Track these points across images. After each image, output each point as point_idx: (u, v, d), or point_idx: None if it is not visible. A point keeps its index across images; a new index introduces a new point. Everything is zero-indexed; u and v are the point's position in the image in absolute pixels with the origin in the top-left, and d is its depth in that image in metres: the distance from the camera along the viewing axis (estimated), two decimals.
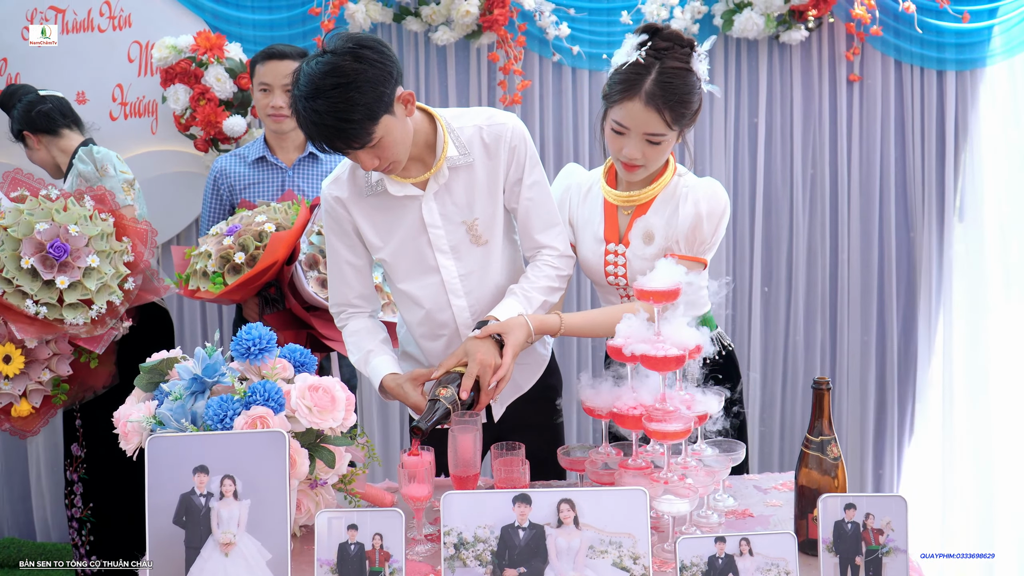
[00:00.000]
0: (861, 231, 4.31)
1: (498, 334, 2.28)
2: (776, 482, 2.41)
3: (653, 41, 2.35)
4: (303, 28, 4.14)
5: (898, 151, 4.28)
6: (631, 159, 2.39)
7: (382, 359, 2.43)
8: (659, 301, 2.09)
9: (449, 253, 2.43)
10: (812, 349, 4.39)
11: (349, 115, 2.10)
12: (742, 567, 1.76)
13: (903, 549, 1.79)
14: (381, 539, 1.76)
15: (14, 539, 4.44)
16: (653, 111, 2.32)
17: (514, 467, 2.13)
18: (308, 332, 3.21)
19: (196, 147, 4.08)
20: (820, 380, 2.02)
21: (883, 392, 4.41)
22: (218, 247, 3.14)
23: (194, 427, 1.88)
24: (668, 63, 2.33)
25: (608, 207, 2.57)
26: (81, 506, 3.52)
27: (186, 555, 1.75)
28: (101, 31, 4.09)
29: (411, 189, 2.37)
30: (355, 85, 2.10)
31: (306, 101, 2.12)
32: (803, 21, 4.07)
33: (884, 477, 4.44)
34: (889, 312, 4.33)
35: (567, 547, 1.77)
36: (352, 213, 2.42)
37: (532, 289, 2.44)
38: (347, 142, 2.15)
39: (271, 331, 2.00)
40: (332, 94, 2.09)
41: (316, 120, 2.12)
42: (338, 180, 2.43)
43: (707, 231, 2.46)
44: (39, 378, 2.99)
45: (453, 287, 2.45)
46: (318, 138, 2.16)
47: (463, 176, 2.39)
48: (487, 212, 2.43)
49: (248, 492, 1.77)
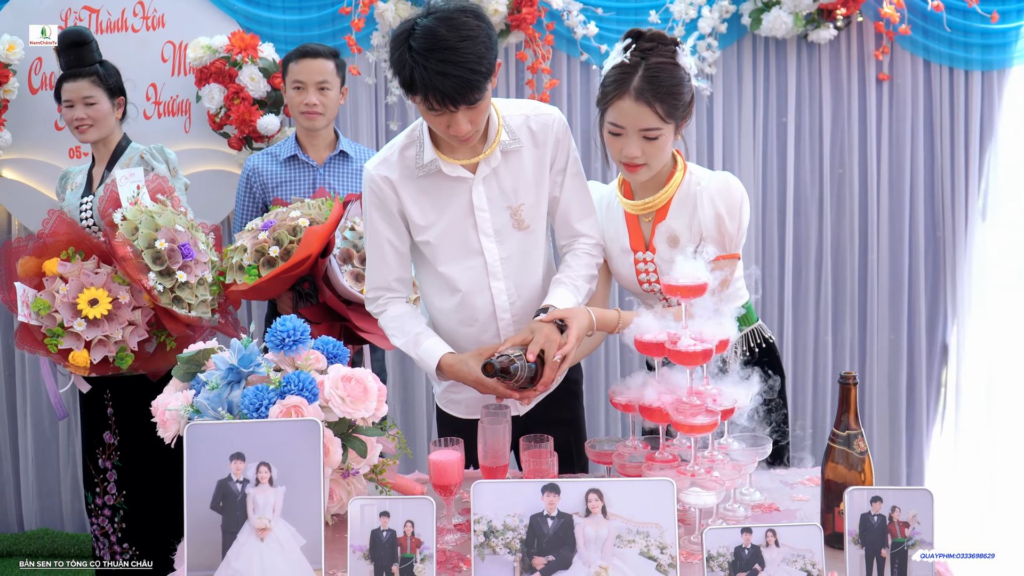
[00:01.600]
0: (890, 230, 4.31)
1: (561, 319, 2.33)
2: (803, 477, 2.42)
3: (637, 43, 2.40)
4: (333, 28, 4.20)
5: (927, 150, 4.28)
6: (631, 158, 2.41)
7: (434, 340, 2.46)
8: (687, 296, 2.12)
9: (493, 237, 2.48)
10: (841, 347, 4.40)
11: (477, 66, 2.16)
12: (768, 558, 1.78)
13: (929, 542, 1.81)
14: (412, 526, 1.79)
15: (47, 530, 4.51)
16: (644, 105, 2.35)
17: (543, 459, 2.16)
18: (342, 325, 3.26)
19: (230, 145, 4.15)
20: (847, 375, 2.04)
21: (913, 391, 4.41)
22: (253, 241, 3.20)
23: (230, 416, 1.92)
24: (653, 59, 2.36)
25: (629, 217, 2.60)
26: (115, 493, 3.57)
27: (223, 540, 1.79)
28: (135, 31, 4.15)
29: (462, 171, 2.42)
30: (480, 40, 2.17)
31: (429, 53, 2.14)
32: (832, 20, 4.08)
33: (913, 477, 4.43)
34: (917, 311, 4.34)
35: (595, 536, 1.80)
36: (400, 194, 2.45)
37: (578, 278, 2.51)
38: (469, 95, 2.19)
39: (304, 323, 2.04)
40: (461, 47, 2.14)
41: (442, 71, 2.14)
42: (386, 161, 2.46)
43: (731, 228, 2.49)
44: (111, 334, 3.07)
45: (494, 270, 2.49)
46: (439, 91, 2.17)
47: (511, 162, 2.45)
48: (531, 199, 2.48)
49: (283, 479, 1.81)
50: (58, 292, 3.03)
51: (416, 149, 2.44)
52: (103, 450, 3.56)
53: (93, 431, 3.56)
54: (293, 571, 1.79)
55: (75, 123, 3.53)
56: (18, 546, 4.43)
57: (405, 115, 4.28)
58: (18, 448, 4.54)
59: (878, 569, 1.80)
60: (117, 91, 3.60)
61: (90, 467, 3.58)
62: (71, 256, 3.10)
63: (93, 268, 3.08)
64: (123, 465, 3.55)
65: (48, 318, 3.05)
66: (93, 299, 3.04)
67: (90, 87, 3.52)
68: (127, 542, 3.58)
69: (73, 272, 3.05)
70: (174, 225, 3.12)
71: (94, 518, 3.61)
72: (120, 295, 3.08)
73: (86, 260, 3.11)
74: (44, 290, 3.05)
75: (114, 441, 3.55)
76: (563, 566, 1.79)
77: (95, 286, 3.05)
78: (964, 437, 4.37)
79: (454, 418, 2.66)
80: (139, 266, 3.03)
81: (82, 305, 3.03)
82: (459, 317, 2.53)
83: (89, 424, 3.56)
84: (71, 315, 3.03)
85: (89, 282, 3.05)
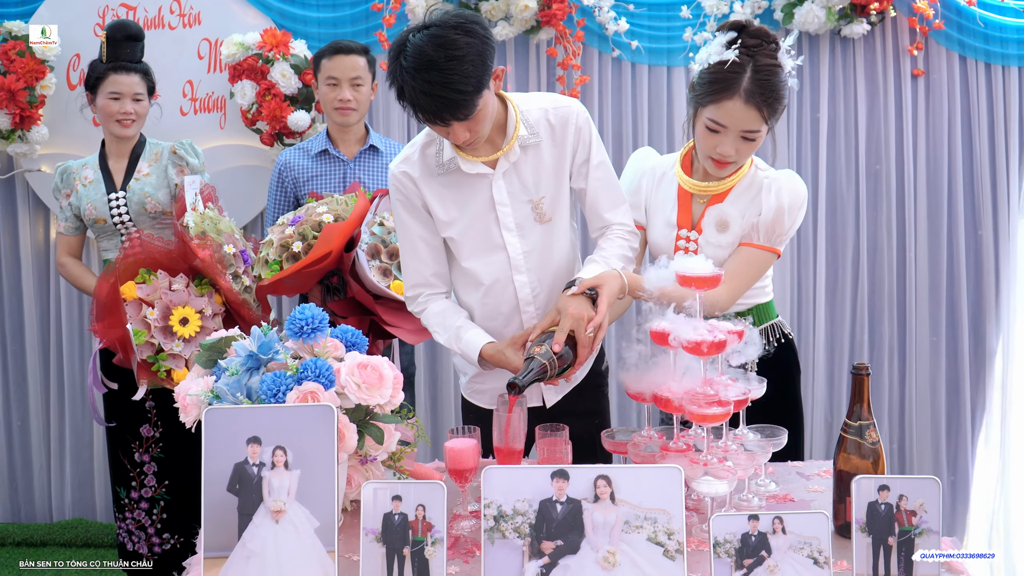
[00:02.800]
0: (929, 228, 4.28)
1: (591, 288, 2.33)
2: (819, 469, 2.43)
3: (742, 38, 2.40)
4: (366, 25, 4.24)
5: (965, 146, 4.25)
6: (725, 156, 2.44)
7: (475, 332, 2.49)
8: (701, 287, 2.14)
9: (515, 231, 2.50)
10: (880, 347, 4.36)
11: (463, 87, 2.18)
12: (775, 544, 1.80)
13: (935, 531, 1.81)
14: (424, 510, 1.83)
15: (81, 520, 4.60)
16: (753, 108, 2.37)
17: (557, 447, 2.19)
18: (370, 320, 3.30)
19: (262, 141, 4.21)
20: (859, 366, 2.04)
21: (955, 393, 4.37)
22: (280, 236, 3.25)
23: (248, 401, 1.96)
24: (761, 60, 2.38)
25: (682, 194, 2.63)
26: (155, 485, 3.63)
27: (239, 521, 1.84)
28: (171, 28, 4.23)
29: (482, 167, 2.45)
30: (468, 58, 2.18)
31: (416, 72, 2.17)
32: (865, 15, 4.07)
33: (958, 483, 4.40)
34: (959, 311, 4.29)
35: (603, 522, 1.82)
36: (422, 191, 2.48)
37: (611, 256, 2.51)
38: (455, 113, 2.21)
39: (323, 312, 2.08)
40: (447, 66, 2.16)
41: (427, 91, 2.18)
42: (408, 160, 2.50)
43: (787, 223, 2.53)
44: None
45: (517, 264, 2.52)
46: (427, 109, 2.21)
47: (531, 156, 2.48)
48: (552, 191, 2.51)
49: (298, 463, 1.85)
50: (148, 318, 3.12)
51: (436, 147, 2.47)
52: (139, 444, 3.62)
53: (126, 426, 3.62)
54: (307, 552, 1.82)
55: (120, 116, 3.58)
56: (52, 536, 4.51)
57: None
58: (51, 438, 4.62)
59: (884, 557, 1.81)
60: (152, 91, 3.68)
61: (124, 461, 3.64)
62: (146, 278, 3.18)
63: (168, 286, 3.16)
64: (165, 456, 3.62)
65: (146, 346, 3.15)
66: (183, 318, 3.14)
67: (140, 84, 3.60)
68: (167, 532, 3.64)
69: (154, 294, 3.13)
70: (232, 232, 3.25)
71: (128, 512, 3.67)
72: (204, 308, 3.18)
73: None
74: (131, 318, 3.14)
75: (154, 434, 3.61)
76: (571, 551, 1.81)
77: (178, 304, 3.14)
78: (1016, 442, 4.33)
79: (478, 408, 2.69)
80: (218, 269, 3.15)
81: (175, 326, 3.13)
82: (484, 311, 2.56)
83: (121, 420, 3.62)
84: (166, 338, 3.14)
85: (170, 301, 3.14)
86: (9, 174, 4.40)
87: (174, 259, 3.21)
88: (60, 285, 4.48)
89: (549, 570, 1.81)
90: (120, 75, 3.56)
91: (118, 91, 3.56)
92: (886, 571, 1.81)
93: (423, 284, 2.58)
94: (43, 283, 4.52)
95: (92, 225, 3.62)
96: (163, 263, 3.20)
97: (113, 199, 3.58)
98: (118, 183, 3.62)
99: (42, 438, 4.62)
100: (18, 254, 4.48)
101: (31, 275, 4.48)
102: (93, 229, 3.65)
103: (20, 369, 4.59)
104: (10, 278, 4.50)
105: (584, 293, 2.33)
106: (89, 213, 3.59)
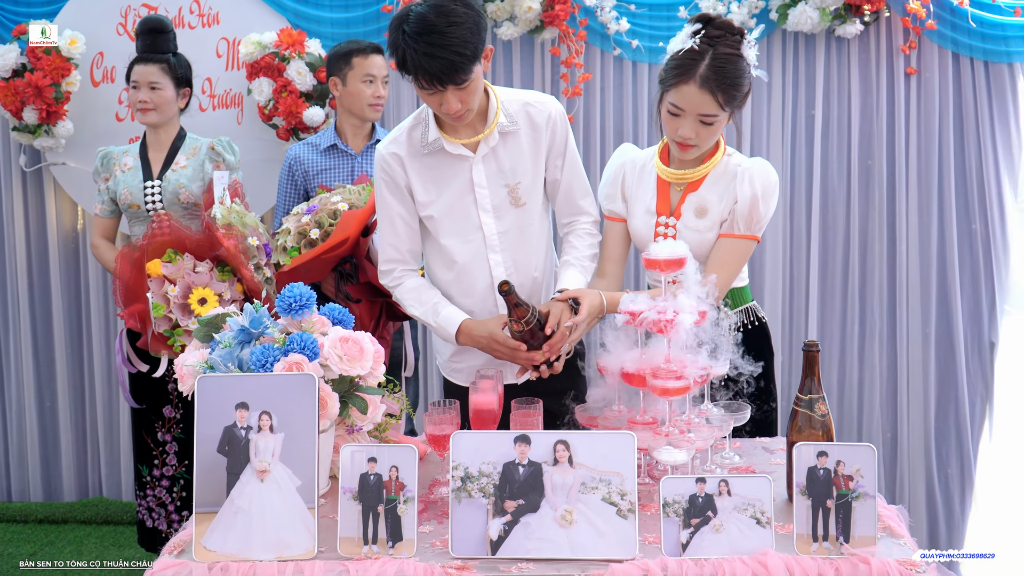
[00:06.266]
0: (919, 222, 4.37)
1: (575, 299, 2.58)
2: (783, 444, 2.55)
3: (707, 29, 2.56)
4: (377, 25, 4.40)
5: (956, 141, 4.33)
6: (686, 139, 2.60)
7: (452, 308, 2.70)
8: (666, 270, 2.28)
9: (491, 212, 2.71)
10: (871, 338, 4.46)
11: (462, 50, 2.40)
12: (720, 505, 1.94)
13: (871, 495, 1.94)
14: (397, 471, 1.98)
15: (102, 498, 4.79)
16: (707, 93, 2.53)
17: (530, 419, 2.33)
18: (383, 302, 3.45)
19: (278, 136, 4.38)
20: (810, 343, 2.18)
21: (949, 385, 4.44)
22: (297, 224, 3.43)
23: (239, 371, 2.12)
24: (720, 49, 2.53)
25: (661, 183, 2.78)
26: (176, 464, 3.81)
27: (227, 480, 2.00)
28: (191, 28, 4.40)
29: (463, 149, 2.65)
30: (466, 26, 2.41)
31: (419, 37, 2.39)
32: (859, 15, 4.17)
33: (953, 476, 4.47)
34: (953, 303, 4.37)
35: (562, 483, 1.97)
36: (407, 170, 2.69)
37: (583, 259, 2.78)
38: (454, 76, 2.42)
39: (311, 291, 2.24)
40: (448, 31, 2.39)
41: (430, 52, 2.39)
42: (396, 140, 2.71)
43: (762, 210, 2.68)
44: None
45: (492, 244, 2.72)
46: (428, 71, 2.41)
47: (509, 143, 2.68)
48: (528, 178, 2.71)
49: (282, 426, 2.01)
50: (168, 294, 3.29)
51: (422, 130, 2.67)
52: (163, 424, 3.79)
53: (150, 407, 3.79)
54: (289, 508, 1.98)
55: (137, 104, 3.78)
56: (73, 514, 4.69)
57: None
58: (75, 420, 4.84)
59: (823, 518, 1.94)
60: (184, 82, 3.86)
61: (147, 441, 3.82)
62: (172, 258, 3.36)
63: (192, 268, 3.33)
64: (185, 437, 3.79)
65: (164, 320, 3.32)
66: (202, 298, 3.30)
67: (159, 73, 3.78)
68: (187, 509, 3.82)
69: (177, 273, 3.31)
70: (256, 226, 3.42)
71: (149, 490, 3.84)
72: (223, 292, 3.34)
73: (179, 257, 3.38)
74: (152, 292, 3.31)
75: (175, 415, 3.79)
76: (532, 509, 1.96)
77: (199, 285, 3.31)
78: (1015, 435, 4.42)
79: (456, 386, 2.87)
80: (242, 259, 3.31)
81: (193, 305, 3.30)
82: (459, 288, 2.75)
83: (146, 400, 3.79)
84: (183, 315, 3.30)
85: (192, 281, 3.31)
86: (36, 167, 4.60)
87: (201, 245, 3.38)
88: (88, 270, 4.71)
89: (511, 527, 1.96)
90: (139, 65, 3.78)
91: (136, 80, 3.77)
92: (824, 532, 1.94)
93: (398, 260, 2.77)
94: (71, 269, 4.75)
95: (126, 210, 3.83)
96: (190, 248, 3.37)
97: (149, 187, 3.77)
98: (155, 172, 3.81)
99: (69, 419, 4.83)
100: (46, 241, 4.72)
101: (57, 261, 4.71)
102: (127, 214, 3.86)
103: (48, 351, 4.81)
104: (40, 264, 4.74)
105: (567, 302, 2.59)
106: (125, 198, 3.78)
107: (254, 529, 1.98)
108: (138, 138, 3.97)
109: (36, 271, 4.75)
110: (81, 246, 4.71)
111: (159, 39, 3.81)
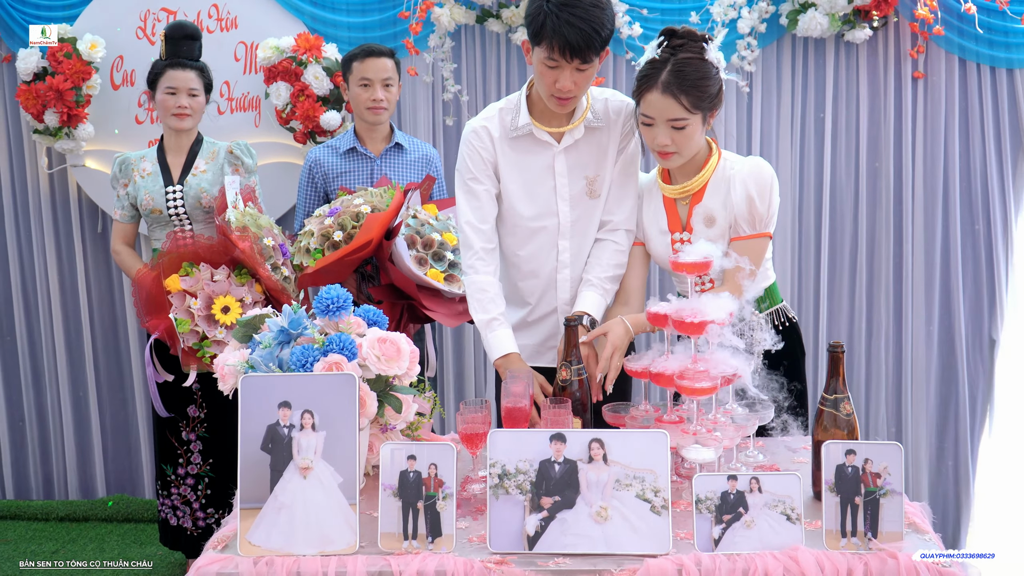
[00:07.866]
0: (924, 222, 4.43)
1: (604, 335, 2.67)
2: (806, 443, 2.62)
3: (669, 40, 2.64)
4: (393, 30, 4.45)
5: (962, 146, 4.39)
6: (662, 146, 2.66)
7: (506, 332, 2.78)
8: (692, 272, 2.34)
9: (568, 201, 2.86)
10: (877, 337, 4.53)
11: (599, 29, 2.57)
12: (752, 502, 2.00)
13: (898, 492, 2.00)
14: (436, 468, 2.04)
15: (123, 496, 4.83)
16: (670, 97, 2.59)
17: (561, 418, 2.38)
18: (405, 303, 3.51)
19: (295, 139, 4.43)
20: (835, 344, 2.23)
21: (951, 382, 4.51)
22: (320, 226, 3.49)
23: (280, 371, 2.18)
24: (682, 55, 2.61)
25: (667, 201, 2.84)
26: (200, 462, 3.87)
27: (271, 477, 2.06)
28: (210, 32, 4.45)
29: (549, 138, 2.81)
30: (607, 12, 2.60)
31: (563, 7, 2.53)
32: (868, 20, 4.24)
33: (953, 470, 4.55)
34: (955, 303, 4.44)
35: (596, 480, 2.03)
36: (496, 147, 2.83)
37: (605, 280, 2.85)
38: (583, 51, 2.56)
39: (347, 293, 2.29)
40: (591, 9, 2.56)
41: (572, 22, 2.53)
42: (489, 118, 2.86)
43: (761, 208, 2.73)
44: None
45: (564, 230, 2.87)
46: (564, 39, 2.54)
47: (592, 138, 2.84)
48: (603, 172, 2.85)
49: (324, 425, 2.07)
50: (192, 308, 3.35)
51: (512, 114, 2.82)
52: (187, 423, 3.85)
53: (175, 407, 3.85)
54: (331, 505, 2.04)
55: (176, 110, 3.84)
56: (94, 511, 4.75)
57: (460, 111, 4.52)
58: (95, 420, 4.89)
59: (852, 514, 2.00)
60: (209, 88, 3.94)
61: (172, 440, 3.87)
62: (188, 271, 3.41)
63: (210, 277, 3.39)
64: (210, 436, 3.85)
65: (191, 334, 3.37)
66: (225, 307, 3.37)
67: (196, 79, 3.87)
68: (211, 507, 3.88)
69: (196, 285, 3.36)
70: (271, 227, 3.50)
71: (173, 488, 3.90)
72: (244, 297, 3.40)
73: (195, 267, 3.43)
74: (176, 307, 3.37)
75: (199, 414, 3.85)
76: (567, 506, 2.02)
77: (220, 294, 3.37)
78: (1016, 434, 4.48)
79: None
80: (258, 260, 3.38)
81: (217, 315, 3.36)
82: (527, 268, 2.90)
83: (169, 400, 3.83)
84: (209, 326, 3.36)
85: (212, 291, 3.36)
86: (57, 168, 4.65)
87: (215, 252, 3.43)
88: (112, 271, 4.77)
89: (548, 523, 2.02)
90: (176, 71, 3.83)
91: (174, 86, 3.83)
92: (853, 528, 2.00)
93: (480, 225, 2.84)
94: (101, 267, 4.81)
95: (148, 215, 3.88)
96: (204, 256, 3.42)
97: (170, 192, 3.83)
98: (175, 177, 3.87)
99: (94, 418, 4.88)
100: (72, 242, 4.77)
101: (81, 261, 4.76)
102: (148, 219, 3.90)
103: (78, 351, 4.86)
104: (68, 264, 4.79)
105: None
106: (146, 203, 3.84)
107: (297, 524, 2.04)
108: (155, 142, 4.03)
109: (67, 271, 4.80)
110: (111, 245, 4.75)
111: (194, 46, 3.90)
